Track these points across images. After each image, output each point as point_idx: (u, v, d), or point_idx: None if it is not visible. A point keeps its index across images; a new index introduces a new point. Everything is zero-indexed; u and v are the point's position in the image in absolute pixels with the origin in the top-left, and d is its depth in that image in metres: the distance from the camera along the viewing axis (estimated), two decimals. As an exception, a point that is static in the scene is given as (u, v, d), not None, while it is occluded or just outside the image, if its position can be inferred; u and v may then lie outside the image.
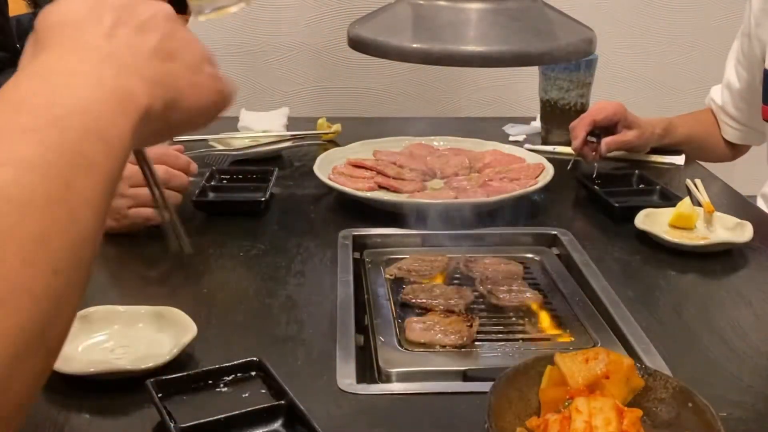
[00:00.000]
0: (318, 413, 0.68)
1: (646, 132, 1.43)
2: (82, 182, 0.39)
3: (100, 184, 0.41)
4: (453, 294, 0.92)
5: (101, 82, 0.44)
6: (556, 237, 1.11)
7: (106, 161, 0.41)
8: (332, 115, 1.62)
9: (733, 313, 0.92)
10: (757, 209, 1.28)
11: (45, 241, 0.36)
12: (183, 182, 1.04)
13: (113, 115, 0.43)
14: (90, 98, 0.43)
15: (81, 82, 0.44)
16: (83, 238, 0.39)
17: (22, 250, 0.35)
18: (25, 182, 0.36)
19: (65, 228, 0.37)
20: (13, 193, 0.36)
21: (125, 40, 0.48)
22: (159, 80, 0.49)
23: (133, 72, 0.47)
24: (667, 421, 0.66)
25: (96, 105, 0.43)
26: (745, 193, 1.34)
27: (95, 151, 0.41)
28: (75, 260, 0.38)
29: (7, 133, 0.38)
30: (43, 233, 0.36)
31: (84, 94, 0.43)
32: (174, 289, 0.98)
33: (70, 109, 0.41)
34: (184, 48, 0.52)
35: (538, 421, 0.64)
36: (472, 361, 0.81)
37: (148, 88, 0.47)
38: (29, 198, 0.36)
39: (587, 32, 0.78)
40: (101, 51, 0.47)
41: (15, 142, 0.38)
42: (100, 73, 0.45)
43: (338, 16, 2.36)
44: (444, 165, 1.33)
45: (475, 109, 2.42)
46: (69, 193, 0.38)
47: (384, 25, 0.77)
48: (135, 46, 0.49)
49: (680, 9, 2.38)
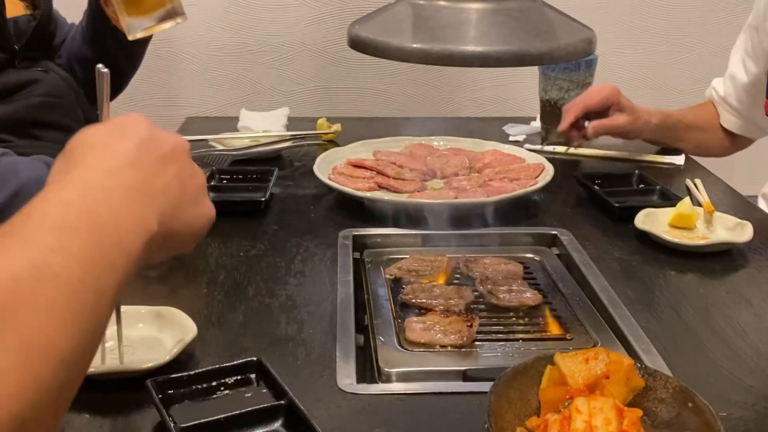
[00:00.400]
0: (318, 413, 0.68)
1: (640, 119, 1.42)
2: (105, 280, 0.46)
3: (116, 285, 0.48)
4: (453, 294, 0.92)
5: (129, 204, 0.51)
6: (556, 237, 1.11)
7: (123, 268, 0.48)
8: (332, 115, 1.62)
9: (733, 313, 0.92)
10: (757, 209, 1.28)
11: (77, 317, 0.43)
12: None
13: (134, 235, 0.50)
14: (120, 214, 0.50)
15: (114, 200, 0.50)
16: (102, 320, 0.47)
17: (62, 321, 0.42)
18: (70, 269, 0.44)
19: (91, 308, 0.45)
20: (61, 276, 0.43)
21: (148, 168, 0.55)
22: (169, 212, 0.55)
23: (151, 201, 0.54)
24: (667, 421, 0.66)
25: (123, 222, 0.50)
26: (745, 193, 1.34)
27: (119, 259, 0.48)
28: (94, 335, 0.46)
29: (60, 226, 0.46)
30: (77, 311, 0.44)
31: (116, 210, 0.50)
32: (174, 289, 0.98)
33: (106, 219, 0.49)
34: (191, 181, 0.59)
35: (538, 421, 0.64)
36: (472, 361, 0.81)
37: (158, 217, 0.53)
38: (70, 281, 0.44)
39: (587, 32, 0.78)
40: (129, 177, 0.53)
41: (65, 235, 0.45)
42: (129, 197, 0.52)
43: (338, 16, 2.36)
44: (444, 165, 1.33)
45: (475, 109, 2.42)
46: (98, 285, 0.46)
47: (384, 25, 0.77)
48: (156, 176, 0.55)
49: (680, 9, 2.38)
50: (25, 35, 1.38)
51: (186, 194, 0.58)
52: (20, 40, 1.37)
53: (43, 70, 1.40)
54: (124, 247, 0.49)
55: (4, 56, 1.33)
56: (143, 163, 0.55)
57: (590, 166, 1.46)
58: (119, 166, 0.53)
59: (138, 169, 0.54)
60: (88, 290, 0.45)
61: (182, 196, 0.57)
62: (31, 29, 1.39)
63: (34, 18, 1.41)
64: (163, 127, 0.60)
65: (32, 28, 1.39)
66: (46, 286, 0.42)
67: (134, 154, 0.54)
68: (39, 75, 1.38)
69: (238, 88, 2.43)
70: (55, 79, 1.41)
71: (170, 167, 0.57)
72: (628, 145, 1.53)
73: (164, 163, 0.56)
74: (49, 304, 0.42)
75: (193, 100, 2.42)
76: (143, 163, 0.55)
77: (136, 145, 0.55)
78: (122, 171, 0.53)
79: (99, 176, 0.51)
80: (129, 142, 0.55)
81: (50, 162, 1.04)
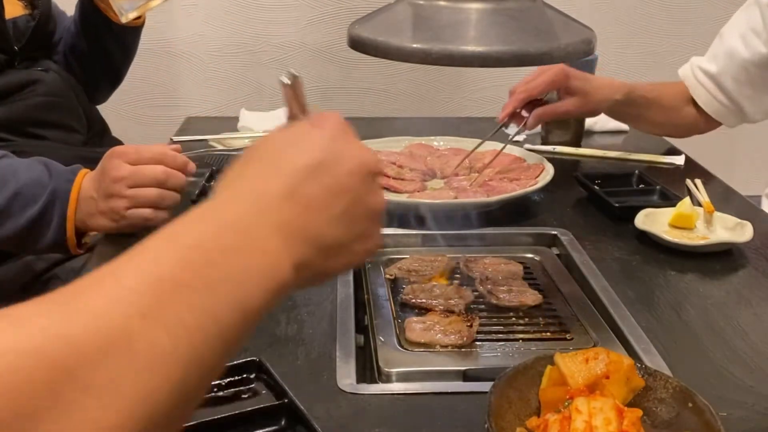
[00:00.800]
0: (318, 413, 0.68)
1: (592, 101, 1.35)
2: (204, 350, 0.40)
3: (221, 351, 0.42)
4: (453, 294, 0.92)
5: (262, 253, 0.45)
6: (556, 237, 1.11)
7: (234, 329, 0.42)
8: (332, 115, 1.62)
9: (733, 313, 0.92)
10: (757, 209, 1.28)
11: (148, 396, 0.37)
12: (180, 182, 1.04)
13: (258, 289, 0.44)
14: (247, 268, 0.43)
15: (246, 249, 0.44)
16: (195, 392, 0.41)
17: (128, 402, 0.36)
18: (153, 338, 0.37)
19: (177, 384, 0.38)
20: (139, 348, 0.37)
21: (308, 202, 0.48)
22: (319, 258, 0.48)
23: (296, 246, 0.46)
24: (667, 421, 0.66)
25: (248, 278, 0.43)
26: (745, 194, 1.34)
27: (230, 319, 0.42)
28: (203, 386, 0.42)
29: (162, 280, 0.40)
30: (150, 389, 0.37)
31: (243, 264, 0.43)
32: (174, 289, 0.98)
33: (225, 275, 0.42)
34: (364, 210, 0.51)
35: (538, 421, 0.64)
36: (472, 361, 0.81)
37: (300, 264, 0.46)
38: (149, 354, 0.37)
39: (587, 32, 0.78)
40: (278, 213, 0.46)
41: (163, 293, 0.39)
42: (267, 241, 0.45)
43: (338, 16, 2.36)
44: (444, 165, 1.33)
45: (475, 109, 2.42)
46: (192, 356, 0.39)
47: (384, 25, 0.77)
48: (316, 212, 0.48)
49: (680, 9, 2.38)
50: (24, 35, 1.38)
51: (352, 231, 0.50)
52: (20, 41, 1.37)
53: (43, 69, 1.40)
54: (238, 307, 0.42)
55: (4, 57, 1.33)
56: (304, 194, 0.47)
57: (590, 166, 1.46)
58: (273, 195, 0.47)
59: (294, 203, 0.47)
60: (177, 365, 0.38)
61: (345, 235, 0.50)
62: (30, 29, 1.39)
63: (33, 18, 1.41)
64: (162, 127, 0.57)
65: (31, 28, 1.39)
66: (110, 366, 0.35)
67: (297, 180, 0.47)
68: (39, 75, 1.38)
69: (238, 88, 2.43)
70: (55, 79, 1.41)
71: (340, 199, 0.49)
72: (628, 145, 1.53)
73: (334, 194, 0.49)
74: (112, 382, 0.35)
75: (193, 100, 2.42)
76: (304, 192, 0.47)
77: (306, 167, 0.48)
78: (273, 204, 0.46)
79: (243, 209, 0.45)
80: (300, 160, 0.48)
81: (49, 163, 1.04)
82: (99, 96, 1.61)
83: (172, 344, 0.38)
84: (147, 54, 2.42)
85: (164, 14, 2.37)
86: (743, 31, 1.37)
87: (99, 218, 1.03)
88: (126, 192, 1.01)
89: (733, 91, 1.40)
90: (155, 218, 1.04)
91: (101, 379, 0.35)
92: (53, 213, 1.01)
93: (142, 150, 1.03)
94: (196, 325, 0.40)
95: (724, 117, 1.44)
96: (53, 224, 1.02)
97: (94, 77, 1.54)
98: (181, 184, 1.05)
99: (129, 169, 1.01)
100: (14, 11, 1.38)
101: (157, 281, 0.39)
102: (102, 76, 1.56)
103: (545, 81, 1.31)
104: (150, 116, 2.41)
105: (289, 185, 0.47)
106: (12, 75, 1.34)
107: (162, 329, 0.38)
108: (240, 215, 0.45)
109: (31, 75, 1.37)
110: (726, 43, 1.40)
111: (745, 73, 1.38)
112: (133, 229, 1.06)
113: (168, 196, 1.03)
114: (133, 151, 1.03)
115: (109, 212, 1.02)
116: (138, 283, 0.39)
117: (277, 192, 0.47)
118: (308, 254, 0.47)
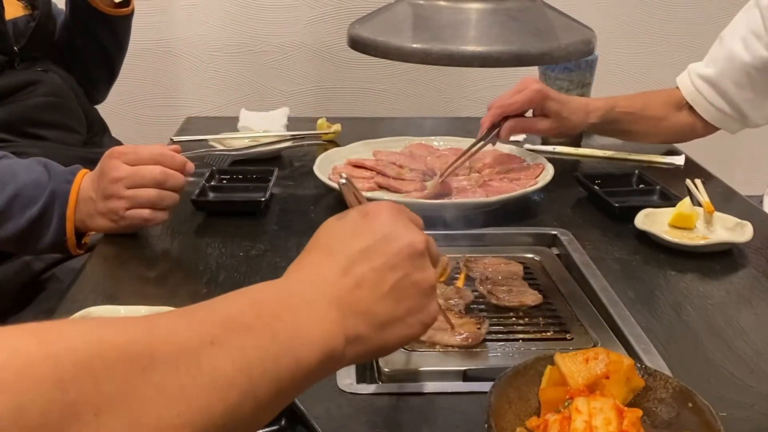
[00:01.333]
0: (318, 413, 0.68)
1: (568, 124, 1.35)
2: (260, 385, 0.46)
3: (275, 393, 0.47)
4: (453, 294, 0.92)
5: (318, 320, 0.51)
6: (556, 237, 1.11)
7: (289, 378, 0.48)
8: (332, 115, 1.62)
9: (733, 313, 0.92)
10: (757, 209, 1.28)
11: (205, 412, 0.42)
12: (179, 182, 1.04)
13: (311, 348, 0.49)
14: (304, 326, 0.50)
15: (304, 311, 0.50)
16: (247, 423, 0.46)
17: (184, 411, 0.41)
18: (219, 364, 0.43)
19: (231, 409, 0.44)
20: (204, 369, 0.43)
21: (360, 279, 0.54)
22: (369, 330, 0.54)
23: (348, 318, 0.52)
24: (667, 421, 0.66)
25: (304, 334, 0.49)
26: (745, 194, 1.34)
27: (286, 368, 0.47)
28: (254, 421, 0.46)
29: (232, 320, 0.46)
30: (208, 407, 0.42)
31: (302, 322, 0.50)
32: (173, 289, 0.98)
33: (285, 327, 0.48)
34: (414, 289, 0.56)
35: (538, 421, 0.64)
36: (472, 361, 0.81)
37: (352, 335, 0.52)
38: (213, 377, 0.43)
39: (587, 32, 0.78)
40: (334, 287, 0.53)
41: (232, 330, 0.46)
42: (322, 310, 0.51)
43: (338, 16, 2.36)
44: (444, 165, 1.33)
45: (475, 109, 2.42)
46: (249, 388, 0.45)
47: (384, 25, 0.77)
48: (367, 288, 0.54)
49: (680, 9, 2.38)
50: (24, 36, 1.38)
51: (401, 307, 0.55)
52: (19, 41, 1.37)
53: (43, 70, 1.40)
54: (295, 357, 0.48)
55: (4, 58, 1.33)
56: (356, 272, 0.54)
57: (590, 166, 1.46)
58: (330, 276, 0.53)
59: (347, 282, 0.53)
60: (233, 390, 0.44)
61: (395, 310, 0.55)
62: (30, 30, 1.39)
63: (33, 18, 1.41)
64: (162, 127, 0.59)
65: (32, 29, 1.39)
66: (180, 375, 0.41)
67: (352, 260, 0.54)
68: (39, 75, 1.38)
69: (238, 88, 2.43)
70: (55, 79, 1.41)
71: (389, 277, 0.55)
72: (628, 145, 1.53)
73: (382, 272, 0.54)
74: (176, 390, 0.41)
75: (193, 100, 2.42)
76: (357, 271, 0.54)
77: (361, 249, 0.54)
78: (329, 280, 0.53)
79: (305, 286, 0.52)
80: (356, 244, 0.55)
81: (48, 164, 1.04)
82: (98, 94, 1.61)
83: (234, 372, 0.44)
84: (147, 54, 2.43)
85: (164, 14, 2.37)
86: (744, 34, 1.36)
87: (98, 218, 1.03)
88: (124, 193, 1.01)
89: (733, 96, 1.39)
90: (154, 219, 1.04)
91: (171, 384, 0.41)
92: (53, 213, 1.01)
93: (140, 150, 1.03)
94: (257, 362, 0.45)
95: (726, 124, 1.43)
96: (53, 225, 1.02)
97: (91, 73, 1.54)
98: (179, 185, 1.05)
99: (127, 169, 1.01)
100: (14, 12, 1.38)
101: (227, 318, 0.46)
102: (98, 71, 1.56)
103: (521, 100, 1.30)
104: (150, 116, 2.41)
105: (343, 267, 0.54)
106: (12, 75, 1.34)
107: (226, 356, 0.44)
108: (303, 289, 0.52)
109: (31, 75, 1.37)
110: (726, 47, 1.39)
111: (746, 77, 1.37)
112: (132, 230, 1.07)
113: (167, 196, 1.03)
114: (131, 151, 1.03)
115: (108, 213, 1.02)
116: (211, 317, 0.46)
117: (333, 273, 0.53)
118: (360, 327, 0.53)
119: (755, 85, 1.37)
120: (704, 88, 1.41)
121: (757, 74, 1.36)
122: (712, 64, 1.41)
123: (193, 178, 1.11)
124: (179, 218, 1.14)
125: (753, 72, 1.36)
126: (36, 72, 1.38)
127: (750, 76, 1.37)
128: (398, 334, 0.56)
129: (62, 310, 0.87)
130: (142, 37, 2.29)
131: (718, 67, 1.40)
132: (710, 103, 1.41)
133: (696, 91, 1.42)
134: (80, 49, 1.50)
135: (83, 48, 1.50)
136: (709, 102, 1.41)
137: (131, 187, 1.01)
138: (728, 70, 1.38)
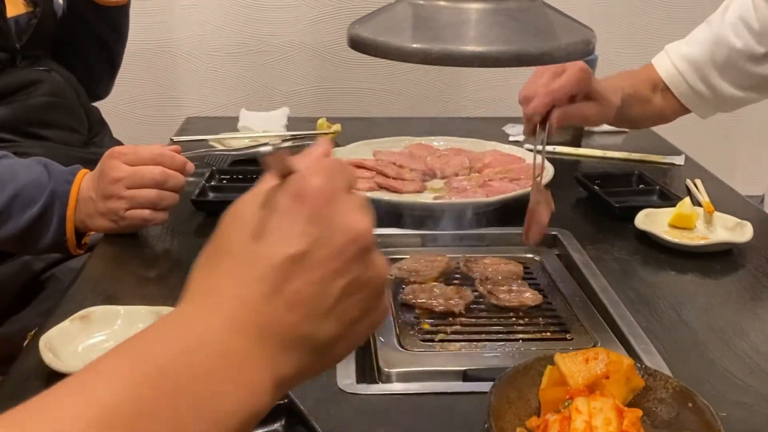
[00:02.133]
0: (318, 413, 0.68)
1: (612, 105, 1.21)
2: None
3: None
4: (453, 294, 0.92)
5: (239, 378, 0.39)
6: (556, 237, 1.11)
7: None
8: (332, 115, 1.62)
9: (733, 312, 0.92)
10: (757, 209, 1.28)
11: None
12: (179, 182, 1.04)
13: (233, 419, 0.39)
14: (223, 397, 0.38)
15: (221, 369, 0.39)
16: None
17: None
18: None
19: None
20: None
21: (293, 298, 0.41)
22: (309, 359, 0.42)
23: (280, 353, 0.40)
24: (667, 421, 0.66)
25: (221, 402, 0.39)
26: (745, 194, 1.34)
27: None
28: None
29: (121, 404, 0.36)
30: None
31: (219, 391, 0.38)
32: (173, 289, 0.97)
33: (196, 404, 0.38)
34: (366, 289, 0.44)
35: (538, 421, 0.64)
36: (472, 361, 0.81)
37: (285, 373, 0.41)
38: None
39: (587, 32, 0.78)
40: (254, 322, 0.40)
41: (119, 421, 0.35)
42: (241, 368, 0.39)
43: (338, 16, 2.36)
44: (444, 165, 1.33)
45: (475, 109, 2.42)
46: None
47: (384, 25, 0.77)
48: (303, 309, 0.41)
49: (680, 9, 2.38)
50: (26, 34, 1.38)
51: (347, 319, 0.43)
52: (21, 39, 1.37)
53: (45, 69, 1.40)
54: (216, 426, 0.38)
55: (6, 56, 1.32)
56: (288, 289, 0.40)
57: (590, 166, 1.46)
58: (252, 294, 0.40)
59: (277, 299, 0.40)
60: None
61: (338, 329, 0.42)
62: (32, 27, 1.39)
63: (35, 16, 1.41)
64: (162, 128, 0.58)
65: (33, 27, 1.39)
66: None
67: (281, 274, 0.40)
68: (41, 75, 1.38)
69: (238, 88, 2.43)
70: (57, 79, 1.41)
71: (331, 287, 0.41)
72: (628, 145, 1.53)
73: (324, 283, 0.41)
74: None
75: (193, 100, 2.43)
76: (289, 288, 0.40)
77: (292, 257, 0.40)
78: (250, 304, 0.40)
79: (217, 321, 0.40)
80: (285, 248, 0.41)
81: (48, 164, 1.04)
82: (101, 88, 1.61)
83: None
84: (147, 54, 2.43)
85: (164, 14, 2.37)
86: (734, 21, 1.32)
87: (98, 219, 1.03)
88: (124, 193, 1.01)
89: (714, 80, 1.34)
90: (154, 219, 1.04)
91: None
92: (53, 213, 1.01)
93: (140, 150, 1.03)
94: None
95: (700, 108, 1.37)
96: (53, 225, 1.02)
97: (92, 66, 1.54)
98: (179, 185, 1.05)
99: (127, 170, 1.01)
100: (16, 9, 1.38)
101: (105, 416, 0.35)
102: (99, 64, 1.56)
103: (569, 83, 1.10)
104: (150, 116, 2.41)
105: (271, 284, 0.40)
106: (14, 74, 1.34)
107: None
108: (213, 331, 0.40)
109: (33, 75, 1.37)
110: (713, 30, 1.34)
111: (730, 61, 1.32)
112: (132, 230, 1.07)
113: (167, 196, 1.03)
114: (131, 151, 1.03)
115: (108, 213, 1.02)
116: (85, 413, 0.35)
117: (256, 294, 0.40)
118: (294, 362, 0.41)
119: (738, 69, 1.32)
120: (686, 69, 1.35)
121: (741, 60, 1.31)
122: (698, 45, 1.35)
123: (193, 178, 1.11)
124: (179, 218, 1.14)
125: (737, 57, 1.31)
126: (38, 71, 1.38)
127: (734, 61, 1.32)
128: (342, 351, 0.44)
129: (62, 310, 0.87)
130: (142, 37, 2.29)
131: (704, 49, 1.34)
132: (690, 86, 1.35)
133: (677, 73, 1.36)
134: (79, 42, 1.50)
135: (82, 41, 1.50)
136: (690, 85, 1.35)
137: (131, 188, 1.01)
138: (714, 54, 1.33)
